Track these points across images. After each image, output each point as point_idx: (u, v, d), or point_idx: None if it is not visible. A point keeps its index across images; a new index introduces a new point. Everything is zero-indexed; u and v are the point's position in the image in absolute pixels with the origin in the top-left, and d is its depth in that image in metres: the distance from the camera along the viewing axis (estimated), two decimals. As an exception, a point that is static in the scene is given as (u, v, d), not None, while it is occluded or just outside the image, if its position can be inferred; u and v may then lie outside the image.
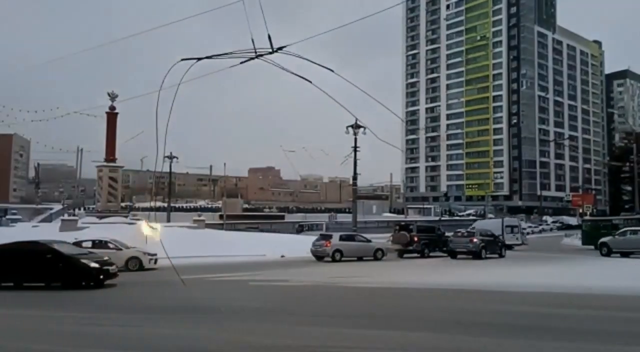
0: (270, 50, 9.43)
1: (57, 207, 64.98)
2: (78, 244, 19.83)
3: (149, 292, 15.20)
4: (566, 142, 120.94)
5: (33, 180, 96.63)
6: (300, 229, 53.81)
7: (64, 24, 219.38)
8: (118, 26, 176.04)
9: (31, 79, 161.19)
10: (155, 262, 21.77)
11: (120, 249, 21.23)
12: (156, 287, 16.14)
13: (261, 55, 9.54)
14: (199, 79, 13.18)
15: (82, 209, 62.11)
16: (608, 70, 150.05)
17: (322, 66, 11.25)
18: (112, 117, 38.94)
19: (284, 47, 9.60)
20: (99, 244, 20.68)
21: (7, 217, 46.60)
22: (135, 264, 21.12)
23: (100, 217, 36.78)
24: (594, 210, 67.78)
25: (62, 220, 37.18)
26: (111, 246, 21.15)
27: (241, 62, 9.95)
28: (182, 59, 9.21)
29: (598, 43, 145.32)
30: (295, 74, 10.68)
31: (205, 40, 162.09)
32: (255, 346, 7.46)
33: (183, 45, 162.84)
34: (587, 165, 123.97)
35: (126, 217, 39.80)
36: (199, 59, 9.51)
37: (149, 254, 21.77)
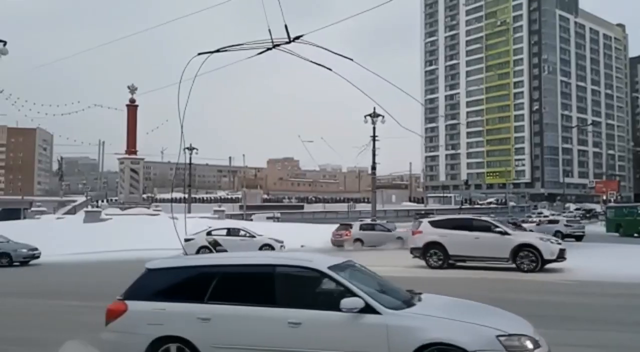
0: (287, 40, 9.41)
1: (80, 199, 66.07)
2: (210, 232, 21.80)
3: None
4: (589, 128, 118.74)
5: (57, 173, 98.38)
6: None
7: (82, 19, 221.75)
8: (139, 22, 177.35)
9: (53, 73, 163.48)
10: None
11: (253, 237, 22.14)
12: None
13: (278, 45, 9.52)
14: (218, 71, 13.21)
15: (105, 200, 63.16)
16: (632, 53, 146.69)
17: (340, 55, 11.16)
18: (132, 109, 39.40)
19: (301, 36, 9.56)
20: (231, 231, 21.88)
21: (32, 209, 47.55)
22: (268, 250, 21.53)
23: (123, 209, 37.35)
24: (618, 197, 66.60)
25: (86, 212, 37.80)
26: (242, 233, 22.48)
27: (258, 53, 9.95)
28: (199, 53, 9.24)
29: (622, 26, 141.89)
30: (314, 62, 10.63)
31: (226, 33, 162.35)
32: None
33: (204, 38, 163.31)
34: (611, 151, 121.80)
35: (148, 208, 40.34)
36: (215, 51, 9.52)
37: (278, 241, 22.39)
